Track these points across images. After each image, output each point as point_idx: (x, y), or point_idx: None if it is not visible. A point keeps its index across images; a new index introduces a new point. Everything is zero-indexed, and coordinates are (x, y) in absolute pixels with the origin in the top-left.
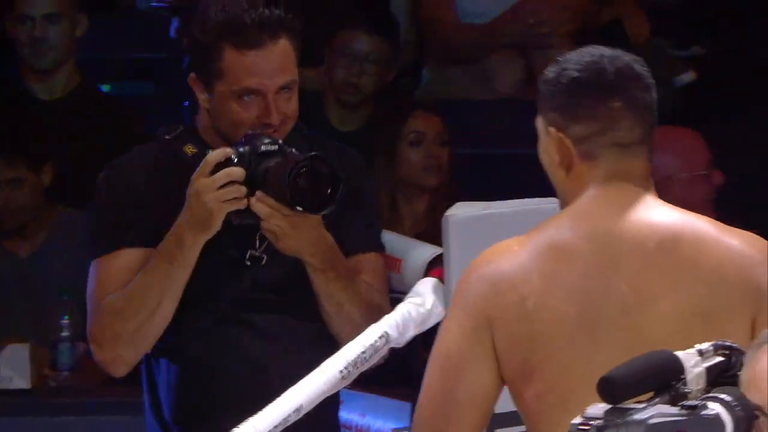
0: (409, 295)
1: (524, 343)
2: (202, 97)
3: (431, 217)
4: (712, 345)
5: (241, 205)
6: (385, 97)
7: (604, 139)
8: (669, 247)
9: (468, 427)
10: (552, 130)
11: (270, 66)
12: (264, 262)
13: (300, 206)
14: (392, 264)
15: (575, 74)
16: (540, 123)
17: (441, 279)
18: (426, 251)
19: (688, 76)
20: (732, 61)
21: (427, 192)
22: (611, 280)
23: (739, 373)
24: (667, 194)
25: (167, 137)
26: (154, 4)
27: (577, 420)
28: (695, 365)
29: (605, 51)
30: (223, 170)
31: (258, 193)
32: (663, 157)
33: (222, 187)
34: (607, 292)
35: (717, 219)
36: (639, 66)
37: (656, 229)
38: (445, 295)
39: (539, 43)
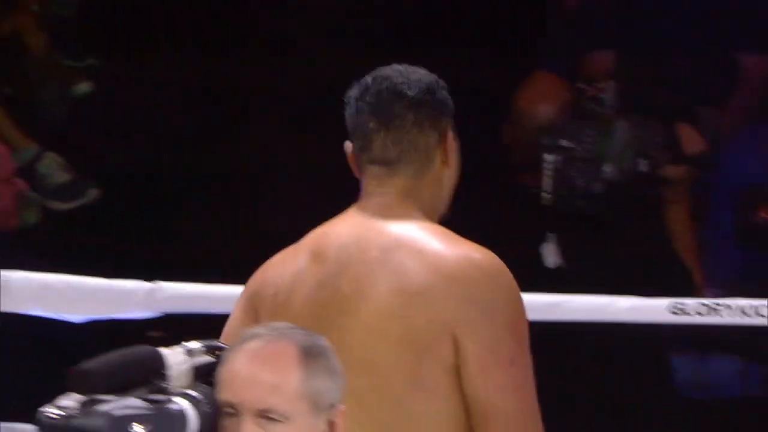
0: None
1: None
2: None
3: None
4: (204, 345)
5: None
6: None
7: (365, 155)
8: (388, 254)
9: None
10: (347, 143)
11: None
12: None
13: None
14: None
15: (353, 92)
16: None
17: None
18: None
19: (84, 87)
20: (126, 75)
21: None
22: (339, 283)
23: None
24: None
25: None
26: None
27: (49, 409)
28: (182, 363)
29: (385, 71)
30: None
31: None
32: None
33: None
34: (333, 293)
35: None
36: (410, 87)
37: (384, 237)
38: None
39: None
